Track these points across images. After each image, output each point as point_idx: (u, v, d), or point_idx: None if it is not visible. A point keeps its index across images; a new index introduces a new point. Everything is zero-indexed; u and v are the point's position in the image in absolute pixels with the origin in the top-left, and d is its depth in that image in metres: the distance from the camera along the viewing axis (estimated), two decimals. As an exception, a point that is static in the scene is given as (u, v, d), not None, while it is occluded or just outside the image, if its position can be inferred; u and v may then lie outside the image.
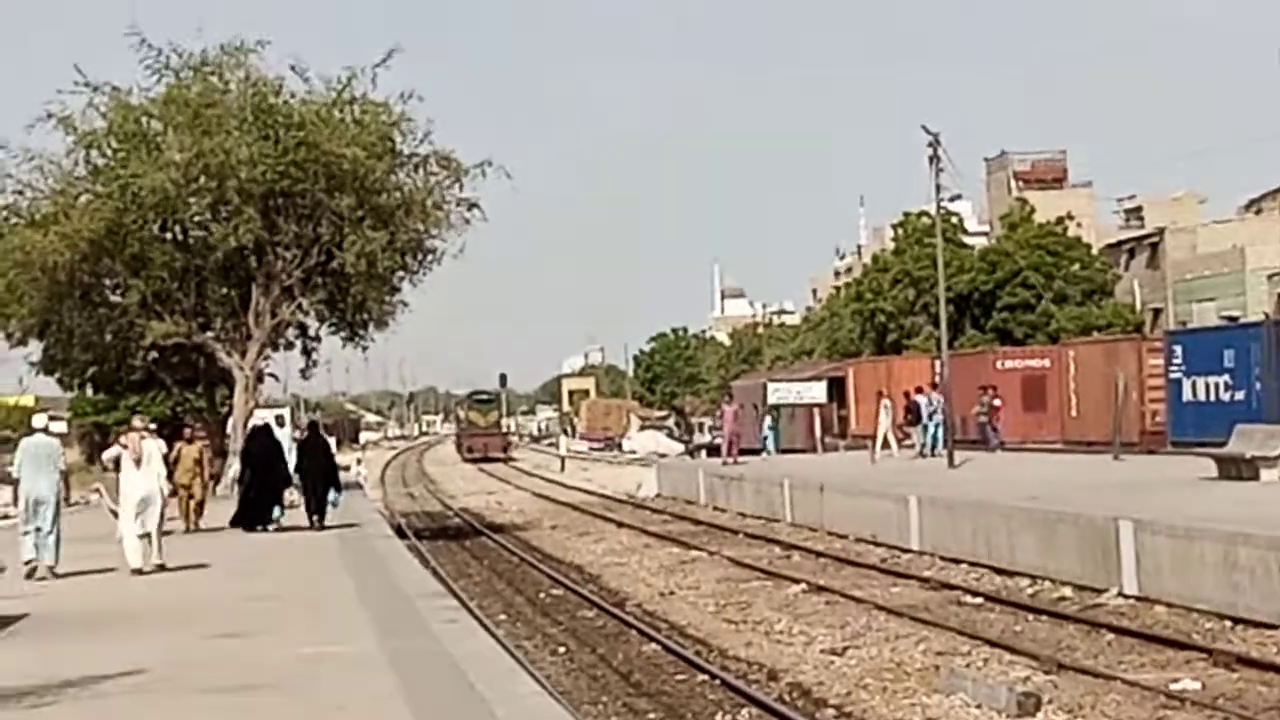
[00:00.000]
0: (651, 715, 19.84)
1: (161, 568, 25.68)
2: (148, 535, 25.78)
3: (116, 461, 26.67)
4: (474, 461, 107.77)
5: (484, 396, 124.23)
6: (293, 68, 46.46)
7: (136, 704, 13.82)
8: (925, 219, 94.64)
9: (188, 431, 35.95)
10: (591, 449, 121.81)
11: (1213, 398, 47.36)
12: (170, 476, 28.75)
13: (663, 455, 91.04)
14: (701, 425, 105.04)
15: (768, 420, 64.68)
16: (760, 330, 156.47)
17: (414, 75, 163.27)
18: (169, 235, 47.33)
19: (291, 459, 34.95)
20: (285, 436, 38.99)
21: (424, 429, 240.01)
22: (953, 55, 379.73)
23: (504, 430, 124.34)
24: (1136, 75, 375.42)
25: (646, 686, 21.89)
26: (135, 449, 26.18)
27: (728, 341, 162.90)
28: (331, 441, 44.45)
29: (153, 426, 28.43)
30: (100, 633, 18.71)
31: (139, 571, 25.33)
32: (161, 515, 26.27)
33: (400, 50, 46.31)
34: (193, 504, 34.10)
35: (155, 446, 26.73)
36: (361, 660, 15.57)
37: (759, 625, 26.52)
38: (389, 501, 65.44)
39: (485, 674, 14.44)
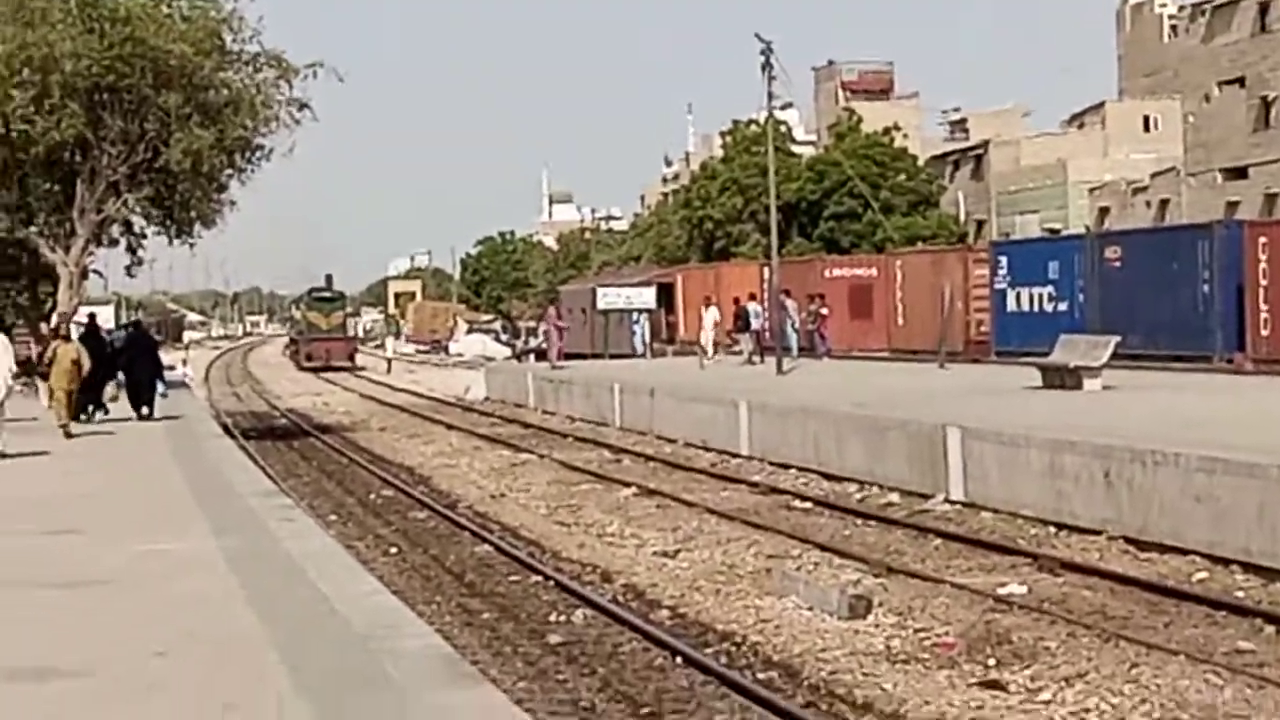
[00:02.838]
0: (486, 615, 19.76)
1: (2, 455, 26.71)
2: None
3: None
4: (313, 370, 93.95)
5: (326, 294, 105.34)
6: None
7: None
8: (754, 127, 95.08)
9: (64, 328, 35.35)
10: (418, 351, 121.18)
11: (1036, 308, 48.29)
12: (45, 376, 30.99)
13: (490, 359, 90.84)
14: (532, 330, 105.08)
15: (638, 320, 65.35)
16: (588, 236, 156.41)
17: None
18: (-10, 128, 46.31)
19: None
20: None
21: (248, 329, 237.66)
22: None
23: (349, 334, 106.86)
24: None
25: (480, 587, 21.86)
26: None
27: (555, 246, 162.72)
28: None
29: None
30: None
31: None
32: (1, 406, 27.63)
33: None
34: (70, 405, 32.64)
35: (2, 343, 28.22)
36: (199, 558, 15.46)
37: (591, 528, 26.56)
38: (214, 401, 64.72)
39: (324, 572, 14.39)
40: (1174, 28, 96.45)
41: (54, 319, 47.80)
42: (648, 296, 65.32)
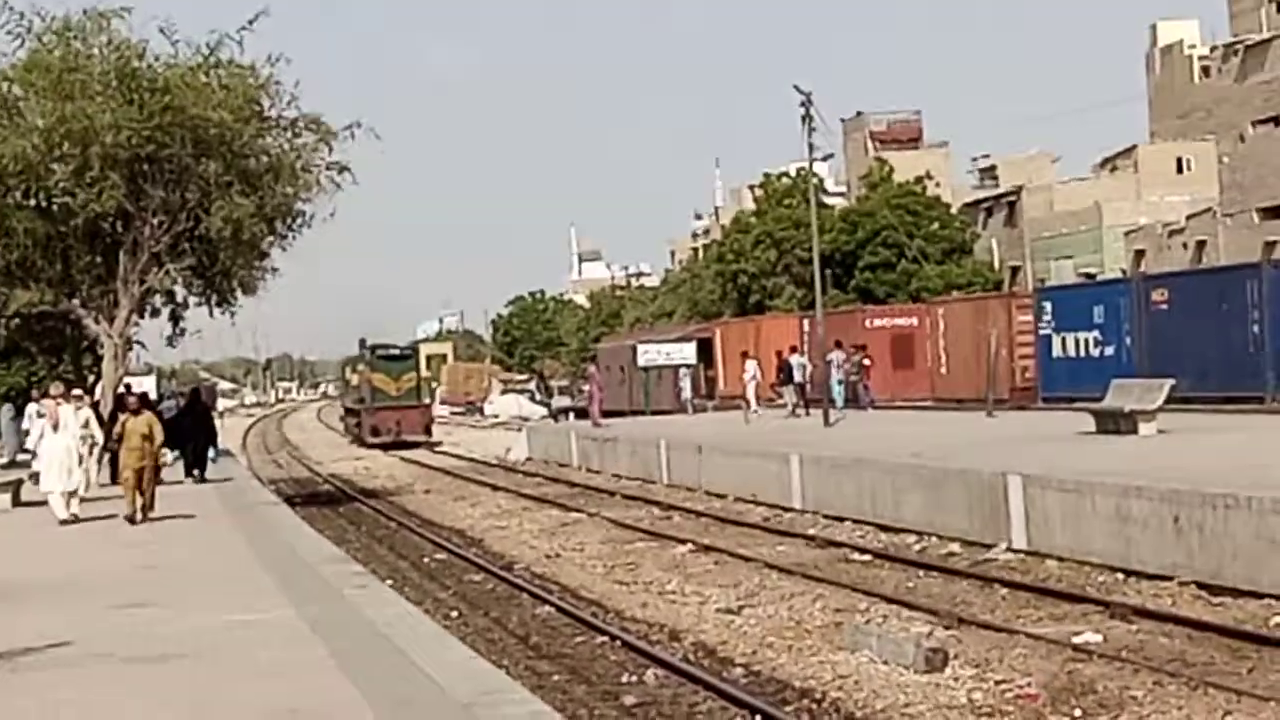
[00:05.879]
0: (556, 677, 19.52)
1: (75, 519, 28.70)
2: (68, 492, 29.02)
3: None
4: (380, 447, 75.87)
5: (394, 351, 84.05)
6: (161, 30, 45.57)
7: (67, 677, 13.52)
8: (785, 179, 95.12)
9: (132, 400, 32.45)
10: (453, 413, 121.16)
11: (1083, 353, 48.05)
12: (115, 457, 31.21)
13: (525, 419, 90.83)
14: (564, 388, 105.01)
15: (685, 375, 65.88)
16: (619, 293, 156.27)
17: (281, 39, 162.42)
18: (31, 202, 46.34)
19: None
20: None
21: (280, 396, 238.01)
22: (808, 19, 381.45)
23: (424, 400, 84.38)
24: (989, 35, 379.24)
25: (546, 649, 21.59)
26: (52, 415, 29.57)
27: (586, 304, 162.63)
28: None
29: (77, 393, 32.63)
30: (8, 604, 18.42)
31: (65, 521, 28.53)
32: (85, 472, 30.11)
33: (267, 14, 45.75)
34: (145, 489, 29.22)
35: (70, 411, 29.79)
36: (284, 628, 15.36)
37: (650, 585, 26.36)
38: (254, 468, 64.71)
39: (411, 640, 14.30)
40: (1205, 68, 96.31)
41: (97, 392, 47.89)
42: (688, 351, 65.28)
